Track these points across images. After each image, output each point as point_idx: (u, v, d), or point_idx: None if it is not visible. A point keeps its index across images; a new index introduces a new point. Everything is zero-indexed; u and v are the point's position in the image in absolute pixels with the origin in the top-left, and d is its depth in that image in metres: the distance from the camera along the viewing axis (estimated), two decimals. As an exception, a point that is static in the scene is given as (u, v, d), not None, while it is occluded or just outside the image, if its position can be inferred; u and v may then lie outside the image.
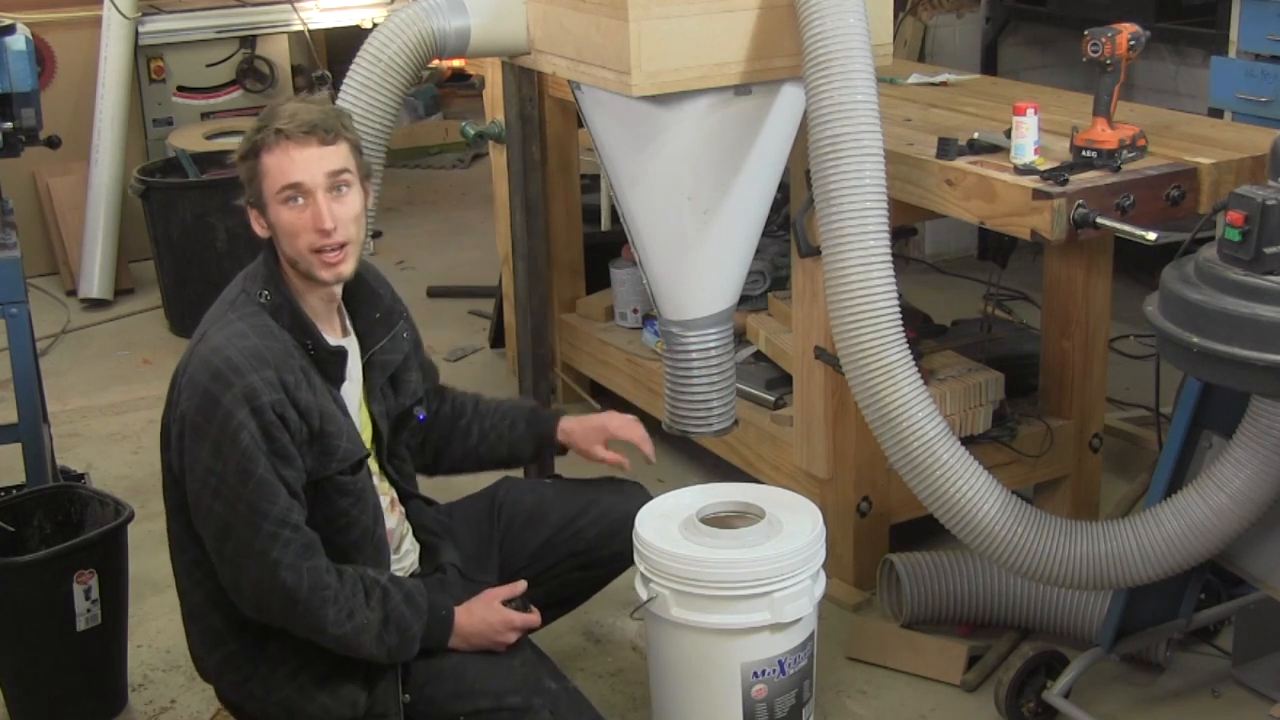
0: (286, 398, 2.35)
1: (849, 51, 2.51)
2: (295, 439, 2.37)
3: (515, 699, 2.44)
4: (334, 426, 2.43)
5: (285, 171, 2.38)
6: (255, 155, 2.40)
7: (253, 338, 2.38)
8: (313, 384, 2.42)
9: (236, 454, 2.32)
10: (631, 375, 4.03)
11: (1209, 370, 2.30)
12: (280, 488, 2.35)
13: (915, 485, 2.59)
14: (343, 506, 2.46)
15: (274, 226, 2.42)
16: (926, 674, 3.05)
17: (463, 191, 6.96)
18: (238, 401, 2.31)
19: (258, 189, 2.42)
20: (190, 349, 2.43)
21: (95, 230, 5.56)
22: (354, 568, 2.44)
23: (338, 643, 2.41)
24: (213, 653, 2.52)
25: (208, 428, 2.33)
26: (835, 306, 2.55)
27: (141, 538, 3.14)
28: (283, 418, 2.34)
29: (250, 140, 2.42)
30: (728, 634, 2.61)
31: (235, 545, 2.35)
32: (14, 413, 3.24)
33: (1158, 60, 5.26)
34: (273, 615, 2.40)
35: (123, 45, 5.65)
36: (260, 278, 2.46)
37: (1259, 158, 2.84)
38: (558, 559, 2.81)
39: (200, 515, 2.39)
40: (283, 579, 2.34)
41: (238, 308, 2.44)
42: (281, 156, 2.38)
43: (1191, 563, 2.55)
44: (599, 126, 2.89)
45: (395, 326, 2.63)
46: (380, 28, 2.87)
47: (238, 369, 2.33)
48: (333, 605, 2.37)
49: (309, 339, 2.44)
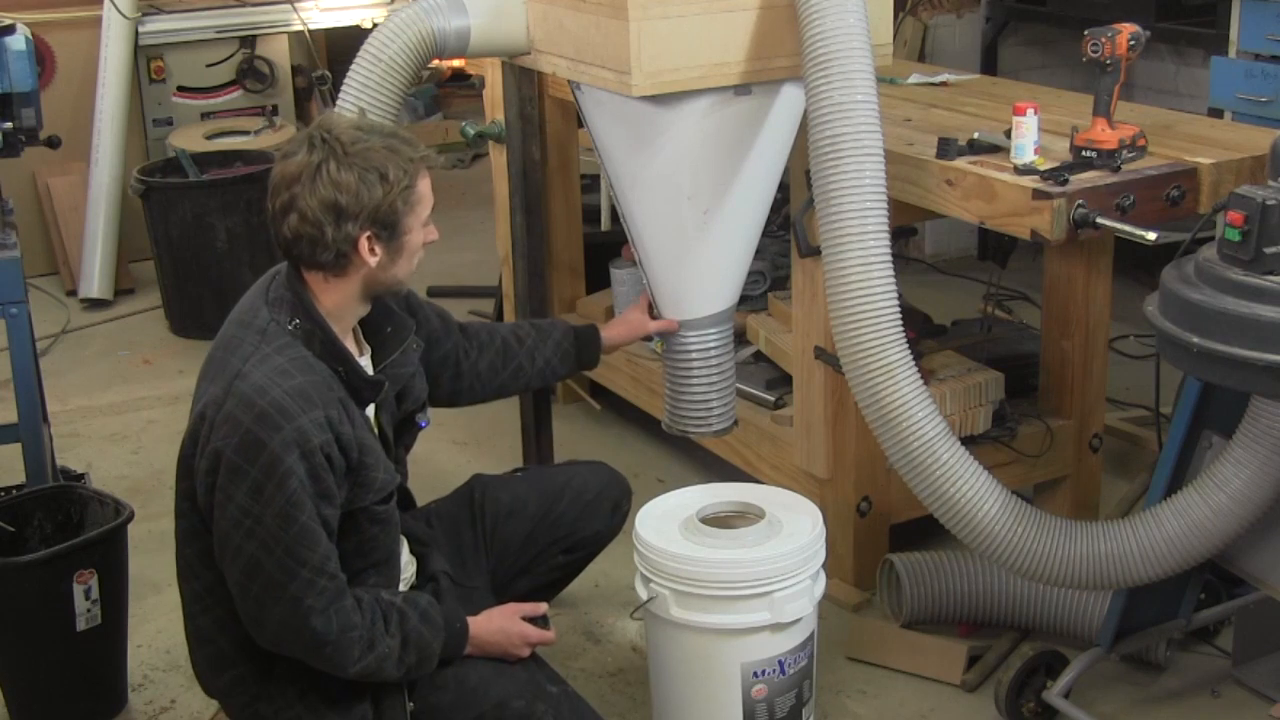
0: (333, 436, 2.32)
1: (849, 51, 2.51)
2: (338, 477, 2.33)
3: (519, 704, 2.45)
4: (371, 458, 2.41)
5: (430, 197, 2.45)
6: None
7: (296, 375, 2.31)
8: (350, 415, 2.38)
9: (282, 499, 2.26)
10: (631, 375, 4.03)
11: (1209, 370, 2.30)
12: (321, 533, 2.31)
13: (915, 485, 2.59)
14: (372, 534, 2.45)
15: (403, 250, 2.41)
16: (926, 674, 3.05)
17: (463, 191, 6.96)
18: (287, 446, 2.26)
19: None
20: (225, 384, 2.32)
21: (95, 230, 5.56)
22: (368, 592, 2.42)
23: (359, 675, 2.39)
24: (220, 676, 2.50)
25: (248, 469, 2.27)
26: (835, 306, 2.55)
27: (141, 538, 3.14)
28: (329, 458, 2.30)
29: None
30: (728, 634, 2.61)
31: (264, 586, 2.31)
32: (14, 413, 3.24)
33: (1158, 60, 5.26)
34: (292, 652, 2.38)
35: (123, 45, 5.66)
36: (288, 304, 2.39)
37: (1259, 158, 2.84)
38: (541, 548, 2.84)
39: (228, 552, 2.34)
40: (313, 625, 2.31)
41: (271, 339, 2.36)
42: (426, 183, 2.44)
43: (1191, 563, 2.55)
44: (599, 126, 2.89)
45: (406, 339, 2.60)
46: (380, 28, 2.87)
47: (286, 412, 2.27)
48: (358, 644, 2.36)
49: (343, 366, 2.39)
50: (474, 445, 4.22)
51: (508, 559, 2.82)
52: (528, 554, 2.83)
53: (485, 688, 2.47)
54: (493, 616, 2.55)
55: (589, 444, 4.16)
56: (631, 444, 4.16)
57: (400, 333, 2.59)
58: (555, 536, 2.85)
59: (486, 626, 2.53)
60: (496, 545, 2.82)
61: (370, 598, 2.41)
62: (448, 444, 4.19)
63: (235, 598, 2.37)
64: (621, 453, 4.08)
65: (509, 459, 3.86)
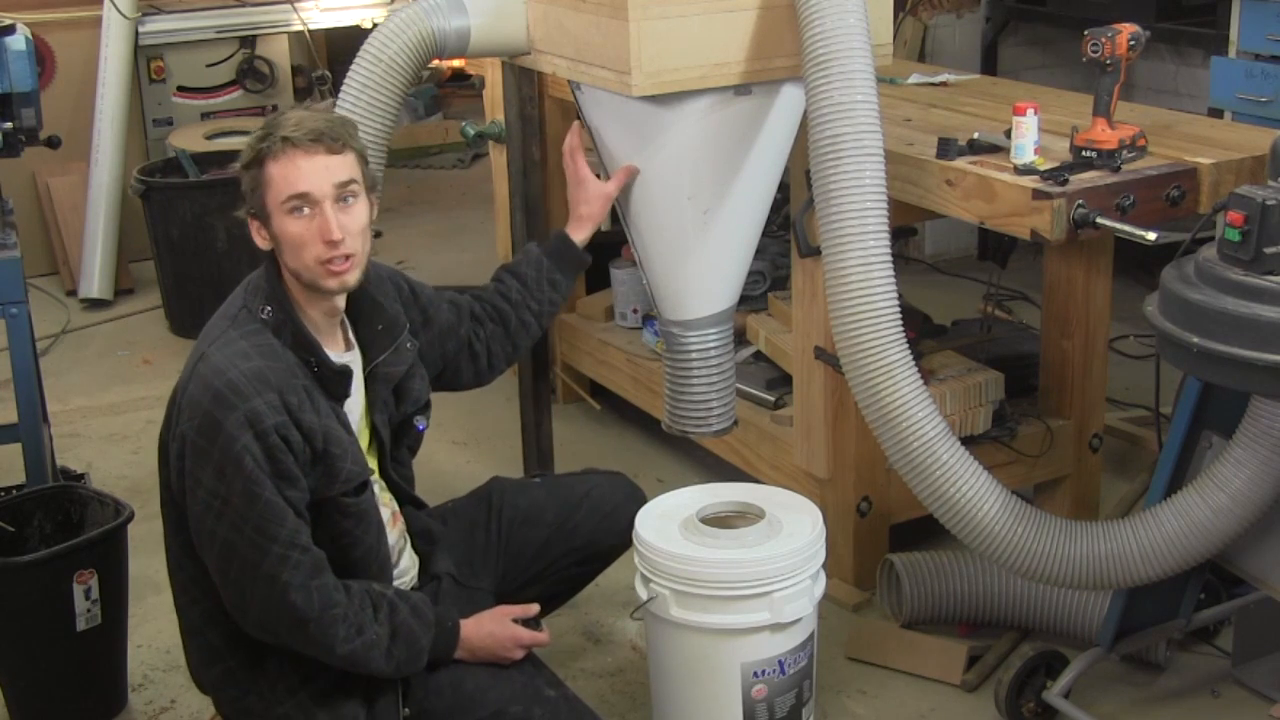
0: (290, 419, 2.30)
1: (849, 51, 2.51)
2: (299, 460, 2.33)
3: (516, 709, 2.44)
4: (338, 448, 2.39)
5: (291, 181, 2.31)
6: (259, 164, 2.33)
7: (255, 358, 2.32)
8: (316, 404, 2.37)
9: (241, 478, 2.27)
10: (631, 375, 4.03)
11: (1209, 370, 2.30)
12: (288, 509, 2.31)
13: (915, 485, 2.59)
14: (345, 527, 2.43)
15: (278, 238, 2.35)
16: (926, 674, 3.05)
17: (463, 191, 6.97)
18: (240, 425, 2.26)
19: (261, 199, 2.34)
20: (190, 367, 2.37)
21: (95, 230, 5.56)
22: (359, 583, 2.42)
23: (346, 660, 2.37)
24: (210, 669, 2.49)
25: (210, 450, 2.28)
26: (835, 306, 2.55)
27: (141, 538, 3.13)
28: (286, 440, 2.30)
29: (254, 148, 2.34)
30: (728, 634, 2.61)
31: (240, 568, 2.31)
32: (14, 413, 3.24)
33: (1158, 60, 5.26)
34: (279, 636, 2.37)
35: (123, 45, 5.66)
36: (262, 293, 2.40)
37: (1259, 158, 2.84)
38: (555, 557, 2.81)
39: (203, 538, 2.34)
40: (293, 600, 2.30)
41: (239, 324, 2.37)
42: (288, 165, 2.31)
43: (1191, 563, 2.55)
44: (599, 126, 2.89)
45: (398, 338, 2.58)
46: (380, 28, 2.87)
47: (240, 391, 2.28)
48: (342, 623, 2.34)
49: (312, 357, 2.39)
50: (474, 445, 4.22)
51: (519, 565, 2.80)
52: (540, 562, 2.81)
53: (482, 694, 2.46)
54: (483, 620, 2.54)
55: (589, 444, 4.16)
56: (631, 444, 4.16)
57: (391, 330, 2.57)
58: (570, 547, 2.82)
59: (477, 630, 2.52)
60: (509, 550, 2.80)
61: (360, 586, 2.41)
62: (447, 444, 4.19)
63: (218, 587, 2.37)
64: (621, 453, 4.08)
65: (509, 459, 3.86)
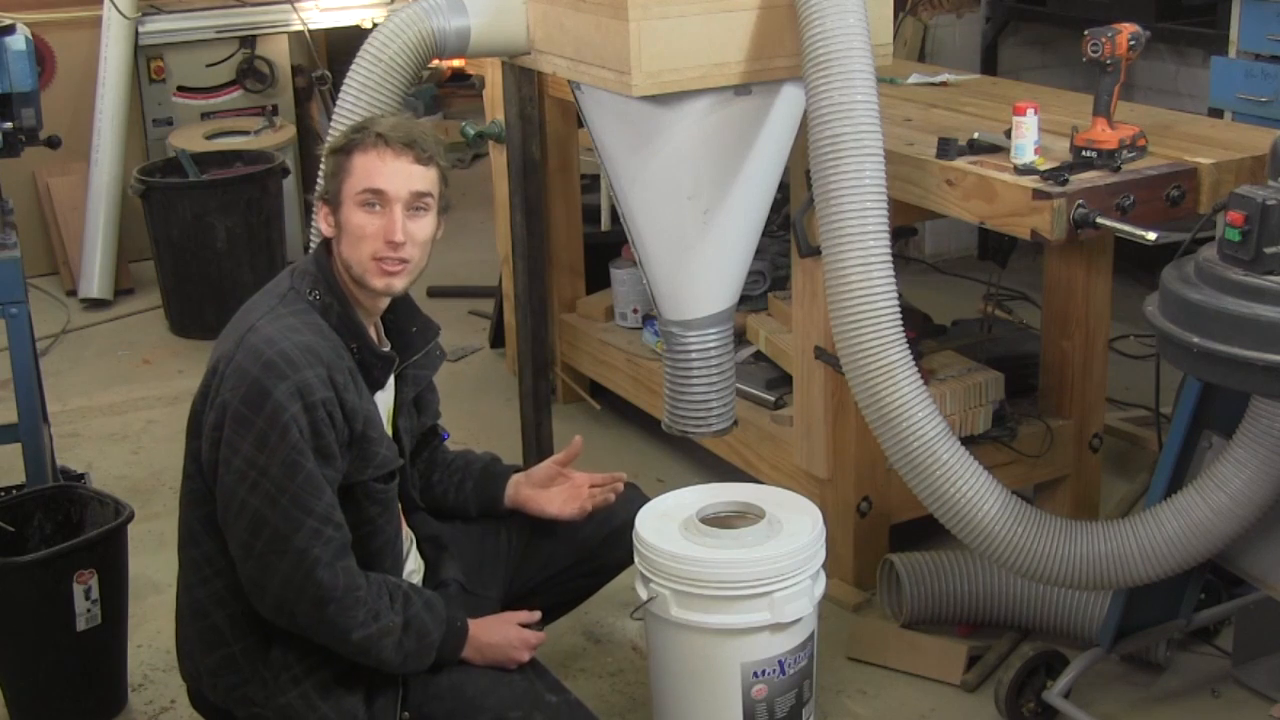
0: (336, 397, 2.33)
1: (849, 51, 2.51)
2: (339, 439, 2.34)
3: (516, 715, 2.43)
4: (375, 432, 2.41)
5: (372, 175, 2.37)
6: (347, 152, 2.39)
7: (306, 333, 2.35)
8: (359, 387, 2.40)
9: (285, 447, 2.28)
10: (631, 375, 4.03)
11: (1209, 370, 2.30)
12: (325, 485, 2.32)
13: (915, 485, 2.59)
14: (371, 514, 2.44)
15: (343, 226, 2.40)
16: (926, 674, 3.05)
17: (463, 191, 6.95)
18: (291, 395, 2.28)
19: (338, 185, 2.40)
20: (236, 338, 2.37)
21: (95, 230, 5.56)
22: (375, 574, 2.42)
23: (357, 647, 2.36)
24: (210, 653, 2.46)
25: (254, 419, 2.29)
26: (835, 306, 2.55)
27: (141, 538, 3.14)
28: (330, 417, 2.32)
29: (346, 136, 2.41)
30: (728, 634, 2.61)
31: (269, 540, 2.30)
32: (14, 413, 3.24)
33: (1158, 60, 5.26)
34: (295, 616, 2.35)
35: (123, 45, 5.65)
36: (310, 277, 2.43)
37: (1259, 158, 2.84)
38: (562, 567, 2.81)
39: (232, 510, 2.33)
40: (319, 577, 2.30)
41: (289, 303, 2.40)
42: (374, 160, 2.37)
43: (1191, 563, 2.55)
44: (599, 126, 2.89)
45: (431, 342, 2.61)
46: (380, 28, 2.87)
47: (292, 362, 2.29)
48: (361, 607, 2.34)
49: (356, 342, 2.42)
50: (474, 445, 4.17)
51: (527, 573, 2.79)
52: (548, 571, 2.80)
53: (482, 698, 2.45)
54: (490, 624, 2.54)
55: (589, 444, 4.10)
56: (631, 444, 4.16)
57: (425, 333, 2.60)
58: (578, 558, 2.81)
59: (485, 631, 2.52)
60: (519, 558, 2.80)
61: (378, 575, 2.41)
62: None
63: (238, 562, 2.35)
64: (621, 453, 4.08)
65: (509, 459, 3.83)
